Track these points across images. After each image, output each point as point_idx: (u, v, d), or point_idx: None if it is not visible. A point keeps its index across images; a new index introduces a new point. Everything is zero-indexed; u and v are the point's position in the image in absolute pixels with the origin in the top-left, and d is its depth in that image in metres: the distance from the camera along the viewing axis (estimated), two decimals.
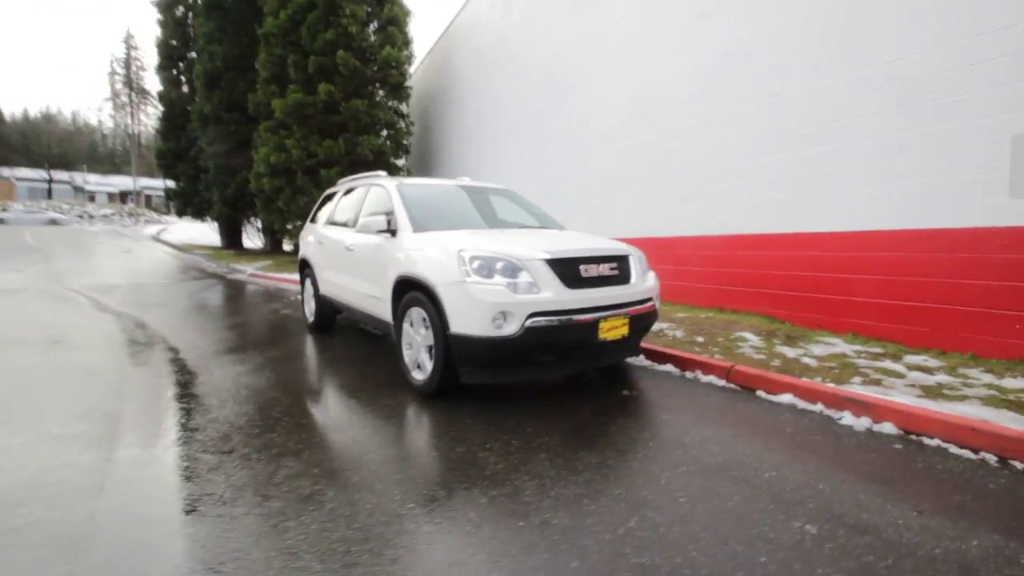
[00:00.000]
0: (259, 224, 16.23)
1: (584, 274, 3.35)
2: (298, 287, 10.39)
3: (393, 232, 4.02)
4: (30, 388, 3.73)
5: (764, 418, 3.13)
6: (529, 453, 2.63)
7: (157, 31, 18.89)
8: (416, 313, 3.53)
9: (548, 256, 3.28)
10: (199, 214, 18.10)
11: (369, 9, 12.38)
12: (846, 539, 1.91)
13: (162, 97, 18.52)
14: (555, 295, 3.19)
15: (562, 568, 1.74)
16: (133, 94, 48.23)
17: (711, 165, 5.85)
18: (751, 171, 5.41)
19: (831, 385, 3.35)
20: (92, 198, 48.81)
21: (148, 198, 51.07)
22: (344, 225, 5.02)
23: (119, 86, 49.27)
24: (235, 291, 9.85)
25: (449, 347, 3.23)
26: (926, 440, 2.75)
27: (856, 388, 3.34)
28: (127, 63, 48.83)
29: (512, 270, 3.19)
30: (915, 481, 2.35)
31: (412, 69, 13.61)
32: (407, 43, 13.20)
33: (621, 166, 7.15)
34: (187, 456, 2.59)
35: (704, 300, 5.97)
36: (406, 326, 3.68)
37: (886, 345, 4.31)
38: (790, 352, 4.39)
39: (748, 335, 4.93)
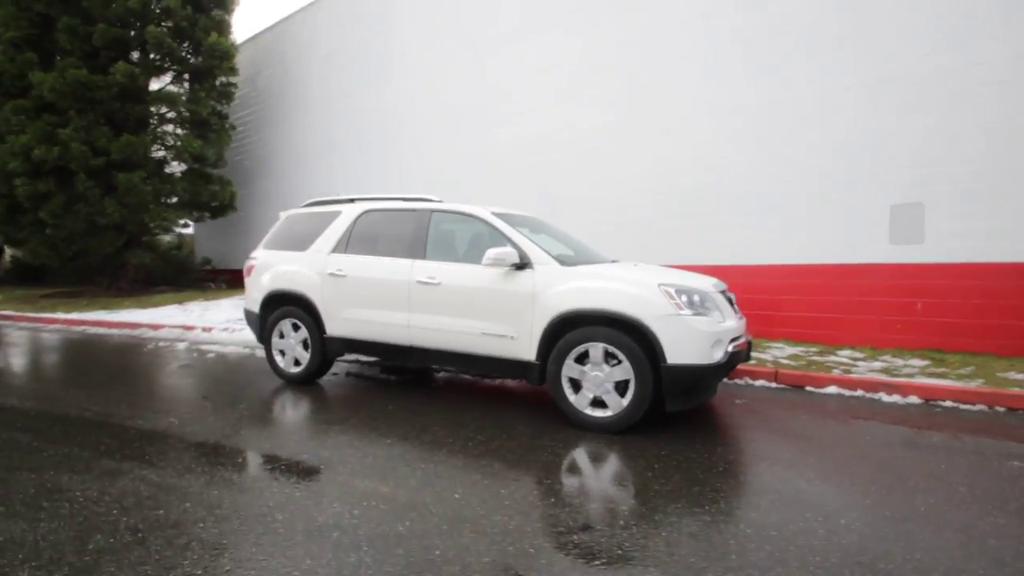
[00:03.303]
0: None
1: (733, 303, 3.93)
2: (117, 332, 7.56)
3: (520, 267, 3.83)
4: None
5: (846, 405, 4.21)
6: (789, 468, 3.08)
7: None
8: (597, 349, 3.51)
9: (721, 288, 3.75)
10: None
11: None
12: None
13: None
14: (736, 323, 3.68)
15: (973, 529, 2.32)
16: None
17: (655, 208, 7.05)
18: (695, 216, 6.78)
19: (860, 376, 4.69)
20: None
21: None
22: (390, 255, 4.34)
23: None
24: (29, 343, 6.76)
25: (659, 379, 3.37)
26: (941, 403, 4.23)
27: (863, 375, 4.77)
28: None
29: (703, 302, 3.54)
30: (986, 426, 3.68)
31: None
32: (231, 32, 11.19)
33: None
34: None
35: None
36: (569, 363, 3.59)
37: (816, 346, 6.06)
38: (764, 356, 5.74)
39: None
